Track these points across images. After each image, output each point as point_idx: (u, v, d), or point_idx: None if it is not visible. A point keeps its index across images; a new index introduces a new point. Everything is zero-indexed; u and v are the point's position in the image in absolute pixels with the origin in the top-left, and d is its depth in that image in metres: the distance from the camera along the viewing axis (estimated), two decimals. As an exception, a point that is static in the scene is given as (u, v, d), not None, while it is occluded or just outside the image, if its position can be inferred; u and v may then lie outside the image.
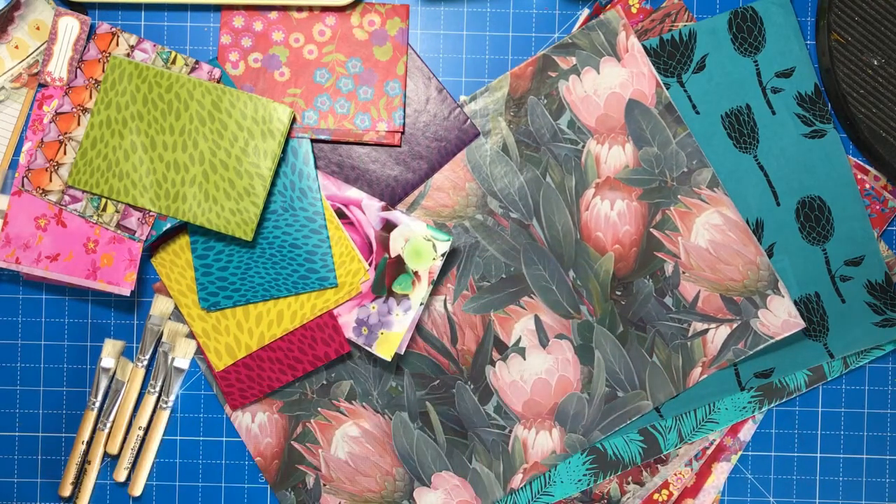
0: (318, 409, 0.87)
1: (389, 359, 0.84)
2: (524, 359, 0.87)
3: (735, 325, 0.86)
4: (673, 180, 0.86)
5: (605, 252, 0.86)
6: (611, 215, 0.86)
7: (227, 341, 0.86)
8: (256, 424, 0.87)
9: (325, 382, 0.87)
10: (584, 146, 0.86)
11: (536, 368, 0.87)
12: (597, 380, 0.87)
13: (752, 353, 0.85)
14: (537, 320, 0.86)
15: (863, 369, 0.88)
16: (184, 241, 0.86)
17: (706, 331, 0.86)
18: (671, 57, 0.86)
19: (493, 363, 0.87)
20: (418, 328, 0.87)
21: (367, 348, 0.84)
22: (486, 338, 0.87)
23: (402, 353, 0.86)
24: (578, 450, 0.86)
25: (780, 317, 0.85)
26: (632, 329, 0.86)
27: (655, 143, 0.86)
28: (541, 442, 0.87)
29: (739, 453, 0.88)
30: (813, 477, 0.88)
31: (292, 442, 0.87)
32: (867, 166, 0.88)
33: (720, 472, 0.88)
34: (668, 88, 0.86)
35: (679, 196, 0.86)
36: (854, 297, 0.87)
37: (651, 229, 0.86)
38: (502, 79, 0.86)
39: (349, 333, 0.85)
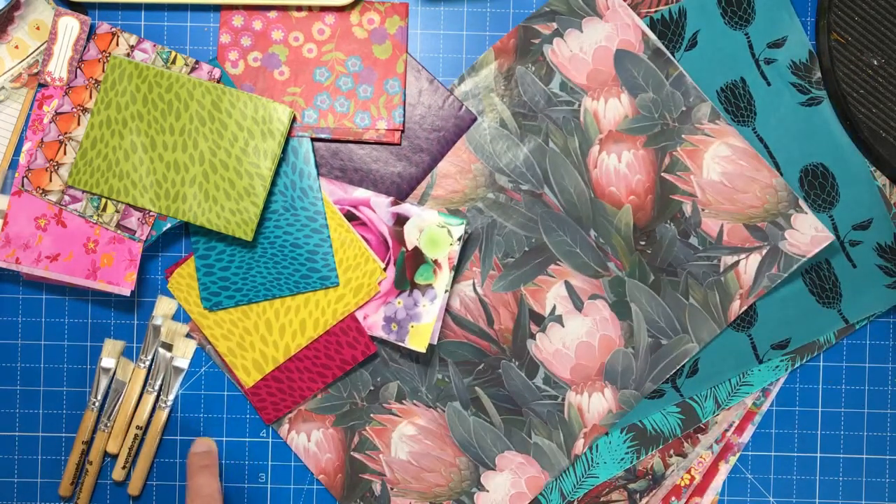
0: (371, 415, 0.87)
1: (424, 350, 0.83)
2: (563, 326, 0.86)
3: (765, 252, 0.85)
4: (674, 121, 0.86)
5: (622, 205, 0.86)
6: (620, 168, 0.86)
7: (253, 357, 0.85)
8: (314, 443, 0.87)
9: (372, 388, 0.87)
10: (580, 105, 0.86)
11: (577, 333, 0.86)
12: (638, 332, 0.86)
13: (787, 275, 0.85)
14: (568, 286, 0.86)
15: (863, 369, 0.88)
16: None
17: (737, 263, 0.85)
18: (662, 36, 0.86)
19: (533, 336, 0.86)
20: (453, 316, 0.86)
21: (399, 344, 0.84)
22: (521, 313, 0.86)
23: (438, 343, 0.85)
24: (634, 405, 0.86)
25: (807, 234, 0.85)
26: (663, 276, 0.86)
27: (649, 87, 0.85)
28: (595, 404, 0.86)
29: (739, 453, 0.88)
30: (813, 477, 0.89)
31: (352, 453, 0.87)
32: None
33: (720, 473, 0.88)
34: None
35: (683, 135, 0.86)
36: (865, 260, 0.87)
37: (662, 174, 0.86)
38: (486, 55, 0.86)
39: (378, 332, 0.84)
